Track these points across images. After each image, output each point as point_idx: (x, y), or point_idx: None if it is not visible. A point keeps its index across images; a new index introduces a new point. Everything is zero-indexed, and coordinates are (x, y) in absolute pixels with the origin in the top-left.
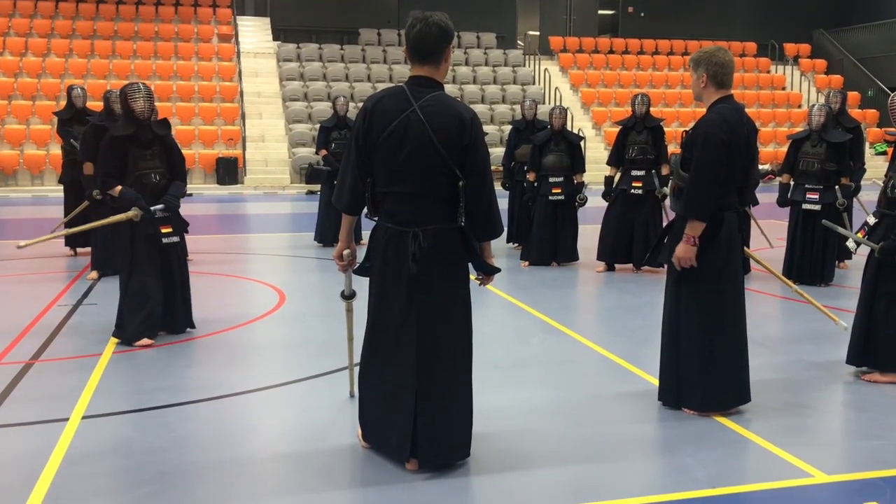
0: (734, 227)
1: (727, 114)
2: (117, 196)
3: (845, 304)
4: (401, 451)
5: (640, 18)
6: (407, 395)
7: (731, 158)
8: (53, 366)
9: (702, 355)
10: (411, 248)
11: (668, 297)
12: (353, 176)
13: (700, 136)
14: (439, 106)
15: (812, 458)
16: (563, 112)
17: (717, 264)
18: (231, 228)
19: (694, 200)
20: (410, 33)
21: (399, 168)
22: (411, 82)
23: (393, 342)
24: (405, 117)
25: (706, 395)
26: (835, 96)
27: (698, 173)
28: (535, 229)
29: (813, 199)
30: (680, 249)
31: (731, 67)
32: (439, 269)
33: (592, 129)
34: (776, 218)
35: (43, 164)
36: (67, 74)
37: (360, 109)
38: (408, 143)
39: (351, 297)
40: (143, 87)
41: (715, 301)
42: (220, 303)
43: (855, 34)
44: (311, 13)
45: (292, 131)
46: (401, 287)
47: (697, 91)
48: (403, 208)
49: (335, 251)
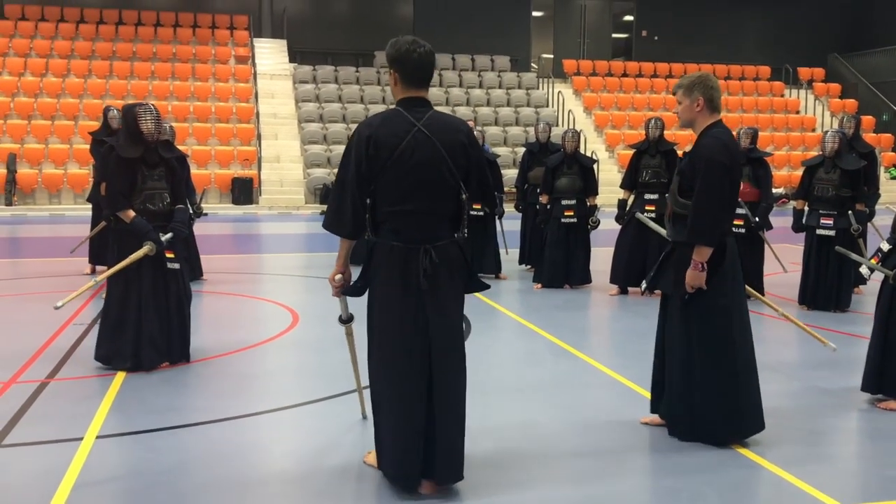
0: (736, 252)
1: (725, 138)
2: (129, 222)
3: (861, 330)
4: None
5: (653, 42)
6: (419, 414)
7: (731, 182)
8: (68, 385)
9: (718, 385)
10: (423, 265)
11: (675, 327)
12: (353, 202)
13: (703, 162)
14: (441, 123)
15: (827, 487)
16: (575, 135)
17: (722, 292)
18: (246, 248)
19: (702, 226)
20: (411, 57)
21: (409, 187)
22: (406, 104)
23: (407, 360)
24: (412, 137)
25: (725, 425)
26: (849, 121)
27: (705, 199)
28: (548, 251)
29: (827, 225)
30: (690, 276)
31: (720, 91)
32: (445, 283)
33: (606, 152)
34: (790, 242)
35: (61, 183)
36: (86, 95)
37: (359, 137)
38: (418, 161)
39: (349, 321)
40: (153, 108)
41: (725, 328)
42: (233, 323)
43: (869, 58)
44: (327, 36)
45: (307, 152)
46: (411, 303)
47: (690, 116)
48: (412, 226)
49: (331, 274)
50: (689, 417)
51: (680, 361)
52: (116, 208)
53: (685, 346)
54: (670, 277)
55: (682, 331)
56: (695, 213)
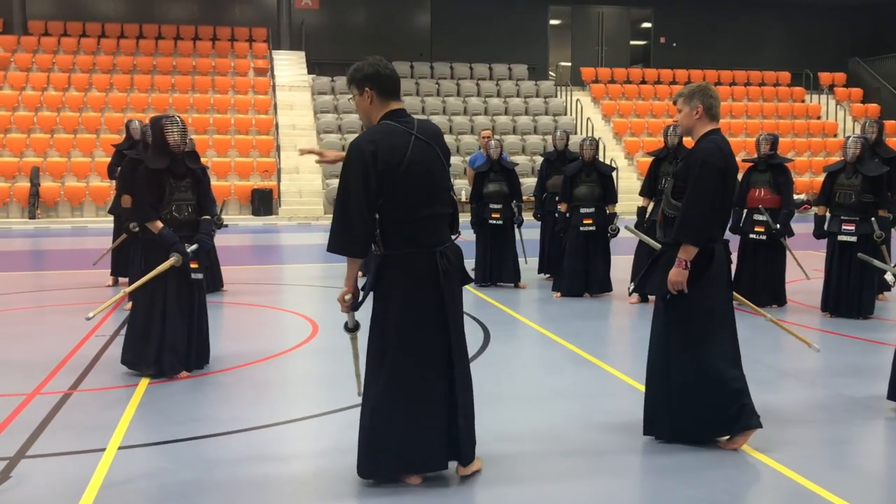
0: (723, 259)
1: (721, 144)
2: (157, 233)
3: (885, 336)
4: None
5: (671, 48)
6: (448, 406)
7: (725, 187)
8: (91, 396)
9: (695, 385)
10: (441, 266)
11: (657, 327)
12: (362, 220)
13: (696, 164)
14: (429, 128)
15: (850, 495)
16: (593, 143)
17: (706, 297)
18: (266, 259)
19: (690, 225)
20: (384, 73)
21: (418, 194)
22: (392, 116)
23: (430, 360)
24: (414, 146)
25: (702, 425)
26: (871, 126)
27: (695, 199)
28: (567, 260)
29: (849, 231)
30: (672, 273)
31: (720, 101)
32: (456, 281)
33: (625, 160)
34: (813, 249)
35: (83, 196)
36: (108, 108)
37: (363, 154)
38: (427, 167)
39: (355, 329)
40: (179, 121)
41: (705, 330)
42: (253, 333)
43: (891, 62)
44: (344, 47)
45: None
46: (432, 306)
47: (689, 123)
48: (427, 231)
49: (341, 294)
50: (668, 416)
51: (660, 361)
52: (145, 219)
53: (664, 347)
54: (657, 279)
55: (663, 331)
56: (683, 212)
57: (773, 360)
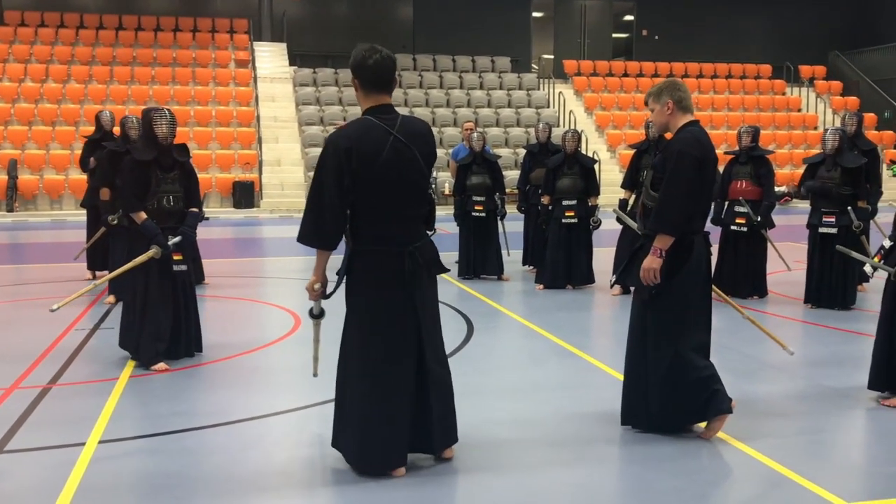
0: (703, 252)
1: (699, 135)
2: (139, 224)
3: (865, 327)
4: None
5: (654, 41)
6: (408, 405)
7: (702, 178)
8: (71, 390)
9: (668, 374)
10: (410, 266)
11: (634, 318)
12: (333, 214)
13: (673, 154)
14: (412, 128)
15: (832, 484)
16: (575, 135)
17: (686, 289)
18: (247, 252)
19: (665, 215)
20: (367, 63)
21: (391, 194)
22: (375, 111)
23: (402, 355)
24: (391, 147)
25: (677, 414)
26: (851, 118)
27: (671, 188)
28: (549, 252)
29: (829, 223)
30: (646, 261)
31: (689, 94)
32: (427, 279)
33: (607, 152)
34: (794, 240)
35: (62, 189)
36: (87, 100)
37: (337, 149)
38: (401, 169)
39: (320, 315)
40: (168, 113)
41: (679, 321)
42: (235, 326)
43: (871, 56)
44: (326, 38)
45: (308, 155)
46: (400, 304)
47: (664, 120)
48: (398, 231)
49: (309, 283)
50: (645, 407)
51: (637, 352)
52: (129, 210)
53: (641, 338)
54: (636, 271)
55: (640, 323)
56: (660, 202)
57: (754, 350)
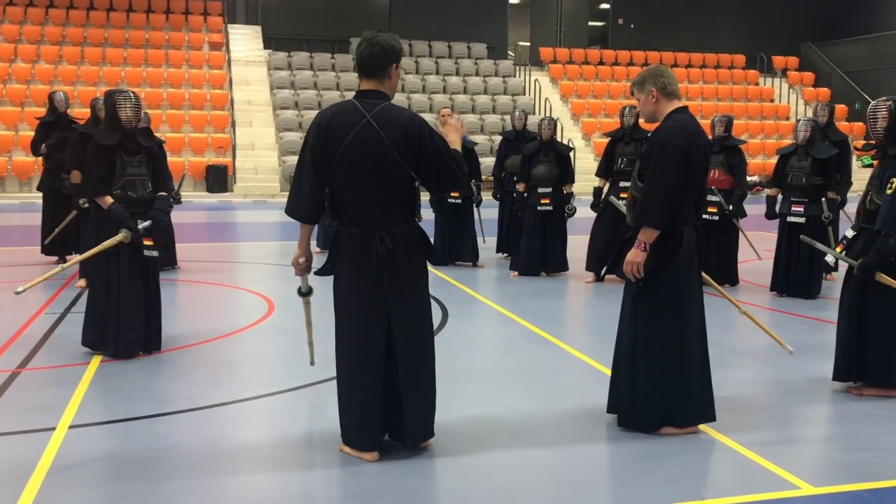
0: (693, 243)
1: (685, 123)
2: (106, 209)
3: (831, 315)
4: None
5: (630, 30)
6: (375, 389)
7: (689, 167)
8: (40, 375)
9: (660, 374)
10: (379, 251)
11: (626, 312)
12: (310, 188)
13: (658, 144)
14: (389, 116)
15: (799, 470)
16: (551, 123)
17: (678, 282)
18: (220, 237)
19: (649, 207)
20: (358, 51)
21: (361, 177)
22: (361, 95)
23: (364, 339)
24: (360, 129)
25: (663, 415)
26: (822, 109)
27: (655, 181)
28: (524, 239)
29: (798, 212)
30: (630, 254)
31: (675, 77)
32: (405, 266)
33: (582, 140)
34: (764, 230)
35: (32, 171)
36: (57, 81)
37: (314, 125)
38: (367, 153)
39: (308, 293)
40: (133, 96)
41: (673, 317)
42: (208, 312)
43: (843, 47)
44: (302, 22)
45: (282, 139)
46: (368, 286)
47: (649, 108)
48: (368, 214)
49: (294, 257)
50: (632, 401)
51: (627, 348)
52: (94, 194)
53: (632, 333)
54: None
55: (631, 317)
56: (644, 194)
57: (725, 338)
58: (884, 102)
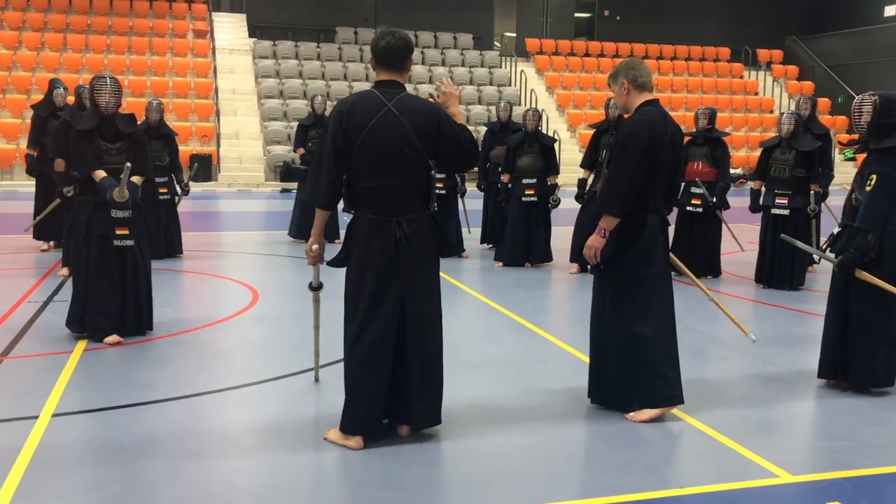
0: (657, 230)
1: (651, 116)
2: (98, 182)
3: (814, 308)
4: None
5: (615, 22)
6: (385, 373)
7: (652, 159)
8: (23, 363)
9: (627, 355)
10: (396, 235)
11: (595, 298)
12: (328, 174)
13: (622, 136)
14: (410, 103)
15: (778, 458)
16: (536, 114)
17: (638, 266)
18: (205, 226)
19: (610, 197)
20: (380, 44)
21: (381, 164)
22: (380, 85)
23: (381, 324)
24: (382, 117)
25: (632, 396)
26: (805, 103)
27: (617, 172)
28: (509, 230)
29: (782, 205)
30: (590, 239)
31: (647, 70)
32: (419, 252)
33: (567, 132)
34: (748, 222)
35: (13, 159)
36: (39, 68)
37: (335, 112)
38: (388, 140)
39: (318, 288)
40: (111, 81)
41: (638, 300)
42: (192, 301)
43: (826, 41)
44: (287, 10)
45: (267, 129)
46: (385, 271)
47: (623, 101)
48: (386, 200)
49: (308, 245)
50: (606, 383)
51: (597, 330)
52: (88, 170)
53: (600, 316)
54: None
55: (599, 300)
56: (606, 183)
57: (708, 329)
58: (869, 97)
